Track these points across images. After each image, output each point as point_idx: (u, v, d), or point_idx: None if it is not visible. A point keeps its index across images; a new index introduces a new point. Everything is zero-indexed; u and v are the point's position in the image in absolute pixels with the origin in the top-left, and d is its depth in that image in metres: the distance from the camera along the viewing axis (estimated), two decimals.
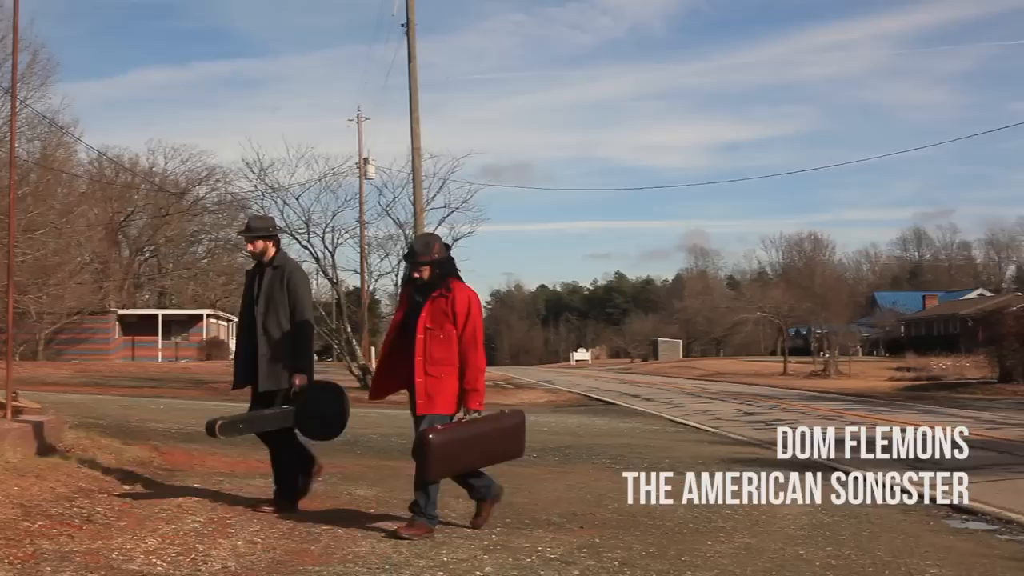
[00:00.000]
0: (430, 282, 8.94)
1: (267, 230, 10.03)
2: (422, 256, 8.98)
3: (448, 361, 8.85)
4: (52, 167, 72.25)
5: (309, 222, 36.90)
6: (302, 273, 10.20)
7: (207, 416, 9.73)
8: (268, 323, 9.71)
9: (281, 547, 7.98)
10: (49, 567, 6.89)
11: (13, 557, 7.07)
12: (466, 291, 9.01)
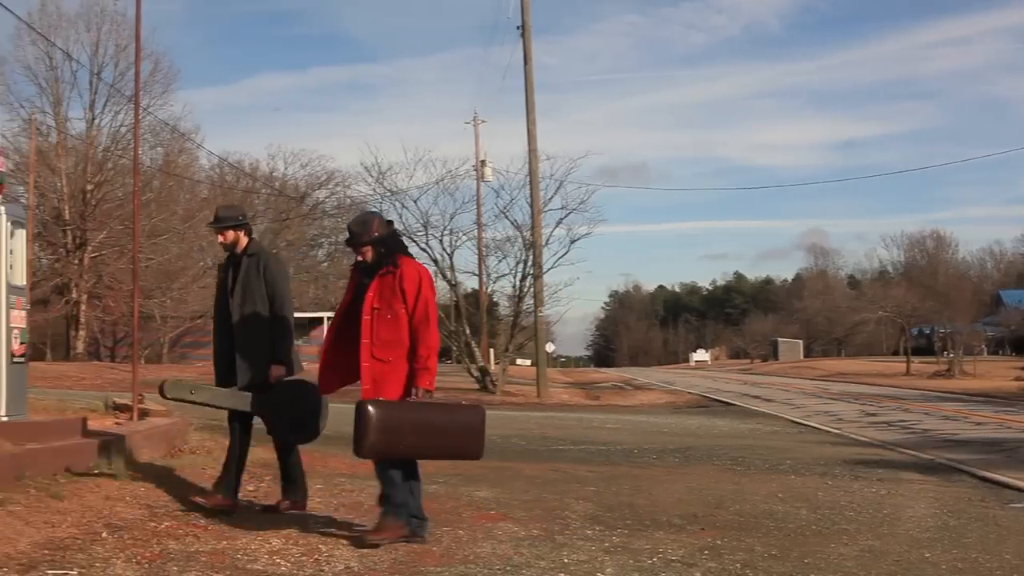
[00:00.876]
0: (375, 262, 8.43)
1: (236, 219, 9.75)
2: (361, 236, 8.50)
3: (398, 343, 8.25)
4: (174, 173, 73.46)
5: (427, 225, 37.10)
6: (279, 261, 9.93)
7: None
8: (245, 314, 9.41)
9: (403, 548, 8.01)
10: (175, 567, 6.98)
11: (141, 557, 7.17)
12: (415, 267, 8.51)
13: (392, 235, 8.64)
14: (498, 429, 20.38)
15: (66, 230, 66.78)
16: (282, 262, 10.08)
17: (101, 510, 8.61)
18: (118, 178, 67.06)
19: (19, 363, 10.83)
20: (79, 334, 66.67)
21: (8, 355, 10.61)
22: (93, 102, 69.37)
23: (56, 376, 36.96)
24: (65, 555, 7.06)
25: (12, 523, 7.70)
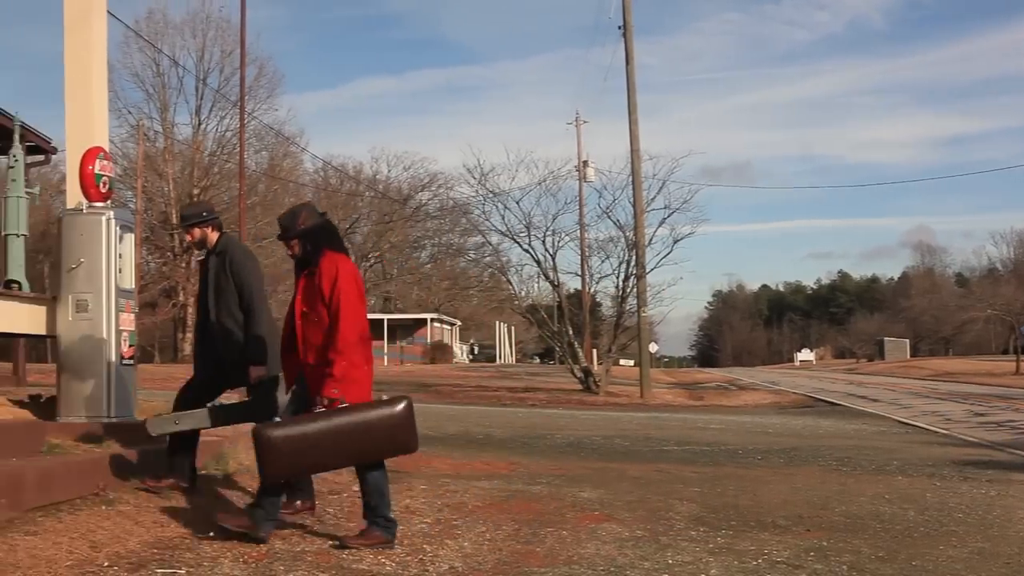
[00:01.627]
0: (303, 258, 8.06)
1: (201, 215, 9.53)
2: (288, 231, 8.15)
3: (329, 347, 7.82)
4: (279, 177, 74.22)
5: (530, 226, 37.14)
6: (245, 253, 9.63)
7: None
8: (220, 313, 9.22)
9: (507, 548, 8.02)
10: (282, 566, 7.04)
11: (248, 556, 7.25)
12: (333, 260, 7.96)
13: (319, 228, 8.16)
14: (601, 430, 20.36)
15: (173, 234, 67.78)
16: (249, 253, 9.73)
17: (210, 509, 8.71)
18: (224, 182, 67.98)
19: (128, 365, 11.00)
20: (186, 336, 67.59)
21: (118, 357, 10.78)
22: (199, 107, 70.46)
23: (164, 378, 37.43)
24: (174, 554, 7.16)
25: (122, 523, 7.83)
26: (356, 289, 7.98)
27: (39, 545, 6.86)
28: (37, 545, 6.85)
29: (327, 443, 7.55)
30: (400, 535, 8.23)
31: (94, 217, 10.87)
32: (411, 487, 11.04)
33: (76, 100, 12.08)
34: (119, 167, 58.84)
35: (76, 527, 7.48)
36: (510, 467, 13.23)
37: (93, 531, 7.45)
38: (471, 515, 9.39)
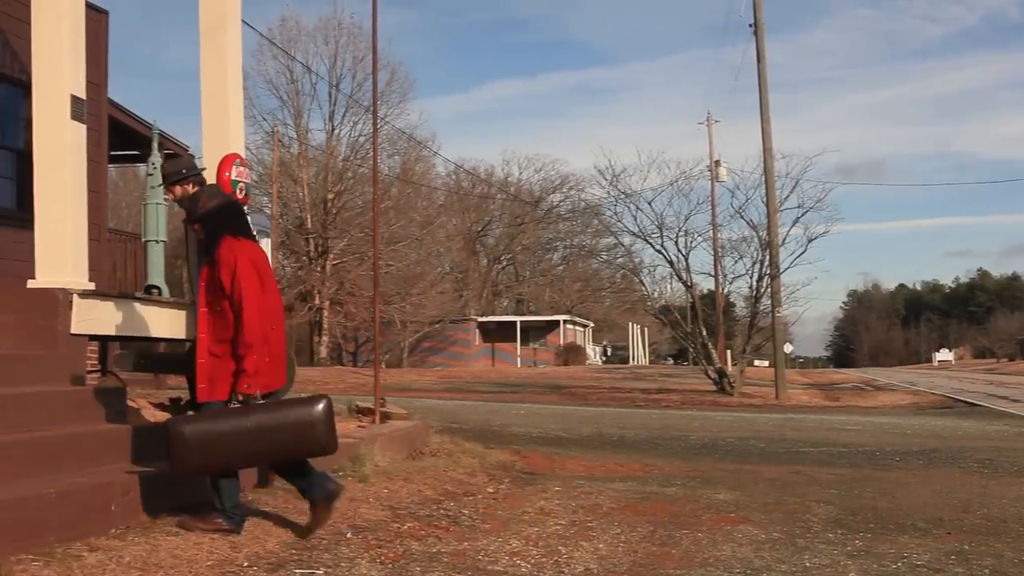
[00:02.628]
0: (206, 244, 7.71)
1: (180, 172, 9.07)
2: (190, 214, 7.89)
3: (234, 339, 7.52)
4: (412, 181, 74.79)
5: (662, 227, 36.99)
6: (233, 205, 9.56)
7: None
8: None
9: (642, 550, 7.98)
10: (418, 567, 7.08)
11: (384, 557, 7.30)
12: (232, 249, 7.57)
13: (216, 212, 7.88)
14: (736, 431, 20.19)
15: (308, 238, 68.67)
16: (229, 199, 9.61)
17: (346, 511, 8.79)
18: (357, 186, 68.70)
19: None
20: (322, 339, 68.47)
21: None
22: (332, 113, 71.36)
23: (300, 381, 37.90)
24: (312, 555, 7.24)
25: (261, 523, 7.93)
26: (258, 280, 7.63)
27: (180, 545, 6.98)
28: (179, 545, 6.97)
29: (241, 442, 7.34)
30: (535, 536, 8.24)
31: None
32: (545, 489, 11.05)
33: (212, 107, 12.27)
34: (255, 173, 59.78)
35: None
36: (644, 469, 13.19)
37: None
38: (606, 517, 9.36)
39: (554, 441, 17.10)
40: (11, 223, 13.92)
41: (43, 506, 6.65)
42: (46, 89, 10.01)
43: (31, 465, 7.42)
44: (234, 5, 12.43)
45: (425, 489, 10.42)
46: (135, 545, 6.79)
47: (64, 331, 9.73)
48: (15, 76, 15.13)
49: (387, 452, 11.60)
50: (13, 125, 15.49)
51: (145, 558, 6.52)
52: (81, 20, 10.40)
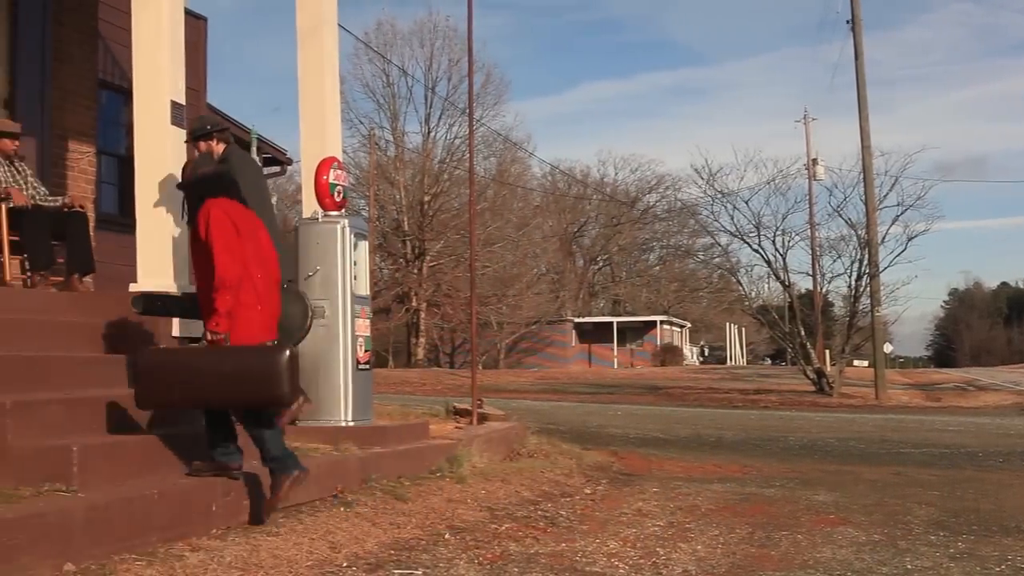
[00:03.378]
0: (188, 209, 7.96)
1: (204, 129, 9.49)
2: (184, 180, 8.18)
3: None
4: (508, 182, 74.93)
5: (759, 226, 36.70)
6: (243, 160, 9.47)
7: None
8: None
9: (741, 551, 7.94)
10: (516, 568, 7.09)
11: (482, 558, 7.32)
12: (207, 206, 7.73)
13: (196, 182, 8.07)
14: (835, 432, 20.00)
15: (405, 240, 69.07)
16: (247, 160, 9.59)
17: (444, 512, 8.83)
18: (454, 188, 68.95)
19: (364, 370, 11.22)
20: (419, 341, 68.80)
21: (354, 362, 11.01)
22: (428, 115, 71.73)
23: (398, 382, 38.21)
24: (410, 555, 7.27)
25: (360, 524, 7.99)
26: (231, 226, 7.74)
27: (280, 546, 7.05)
28: (279, 546, 7.04)
29: (200, 380, 7.42)
30: (633, 538, 8.23)
31: (329, 226, 11.13)
32: (643, 490, 11.03)
33: (310, 112, 12.40)
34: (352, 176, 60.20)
35: (315, 528, 7.66)
36: (742, 470, 13.11)
37: (332, 532, 7.63)
38: (704, 518, 9.32)
39: (651, 442, 17.05)
40: (114, 228, 14.15)
41: (146, 507, 6.75)
42: (147, 95, 10.16)
43: (133, 466, 7.52)
44: (331, 10, 12.55)
45: (523, 490, 10.44)
46: (236, 545, 6.87)
47: (166, 333, 9.88)
48: (116, 83, 15.39)
49: (484, 453, 11.63)
50: (115, 131, 15.76)
51: (246, 558, 6.60)
52: (180, 27, 10.55)
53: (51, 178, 13.27)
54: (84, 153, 14.34)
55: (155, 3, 10.34)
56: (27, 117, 12.98)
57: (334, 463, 9.33)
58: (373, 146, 67.93)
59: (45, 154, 13.47)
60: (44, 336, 8.75)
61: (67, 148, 14.03)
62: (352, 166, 64.07)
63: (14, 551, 5.70)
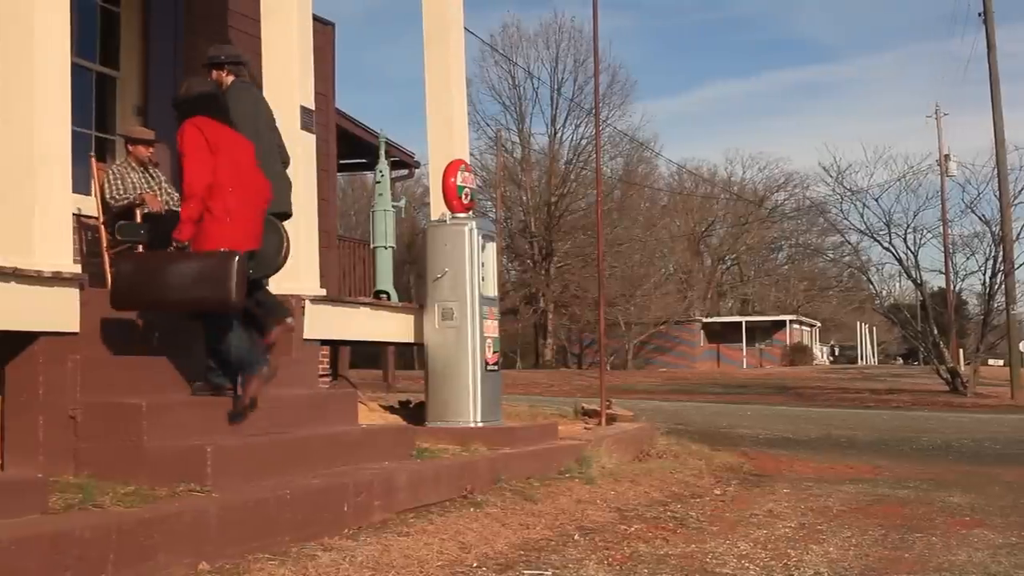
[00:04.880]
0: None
1: (218, 58, 9.52)
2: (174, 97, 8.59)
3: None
4: (634, 182, 74.78)
5: (890, 223, 36.19)
6: (240, 89, 9.48)
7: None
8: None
9: (874, 554, 7.84)
10: (646, 569, 7.07)
11: (612, 559, 7.31)
12: (182, 125, 8.25)
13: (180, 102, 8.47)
14: (969, 432, 19.66)
15: (532, 242, 69.27)
16: (247, 91, 9.61)
17: (573, 513, 8.84)
18: (580, 189, 69.06)
19: (493, 371, 11.27)
20: (547, 342, 68.93)
21: (483, 364, 11.06)
22: (554, 117, 71.90)
23: (526, 383, 38.28)
24: (540, 556, 7.28)
25: (490, 524, 8.02)
26: (203, 142, 8.16)
27: (411, 546, 7.10)
28: (409, 546, 7.09)
29: (162, 282, 7.98)
30: (763, 539, 8.16)
31: (457, 228, 11.20)
32: (774, 491, 10.94)
33: (437, 115, 12.49)
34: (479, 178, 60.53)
35: (446, 528, 7.71)
36: (874, 471, 12.94)
37: (462, 532, 7.66)
38: (836, 519, 9.21)
39: (781, 442, 16.90)
40: None
41: (280, 507, 6.84)
42: (276, 101, 10.30)
43: (265, 467, 7.64)
44: (457, 13, 12.63)
45: (652, 491, 10.41)
46: (367, 545, 6.93)
47: (297, 336, 10.01)
48: None
49: (613, 454, 11.61)
50: None
51: (377, 558, 6.65)
52: (308, 33, 10.69)
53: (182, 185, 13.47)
54: None
55: (284, 10, 10.48)
56: (160, 124, 13.22)
57: (464, 464, 9.37)
58: (500, 148, 68.24)
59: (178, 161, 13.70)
60: (178, 339, 8.91)
61: None
62: (479, 168, 64.43)
63: (151, 550, 5.81)
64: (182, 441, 7.43)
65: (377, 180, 16.67)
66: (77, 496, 6.43)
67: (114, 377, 7.84)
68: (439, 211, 11.57)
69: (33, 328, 7.37)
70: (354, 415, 9.94)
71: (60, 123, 7.79)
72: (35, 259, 7.42)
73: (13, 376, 7.45)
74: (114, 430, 7.34)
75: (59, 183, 7.75)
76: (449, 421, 10.94)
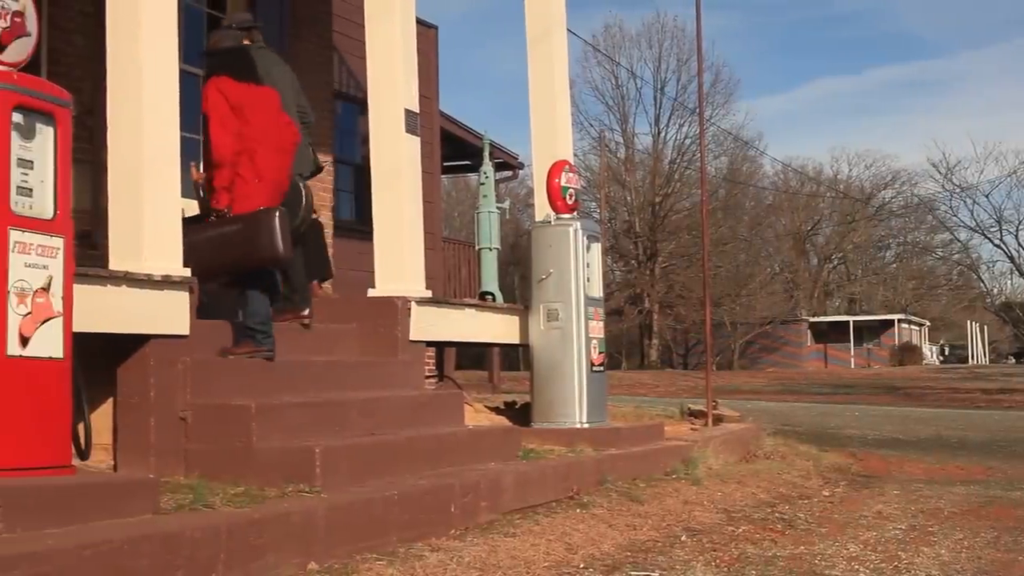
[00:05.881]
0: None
1: (230, 26, 9.61)
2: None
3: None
4: (739, 181, 74.35)
5: (1001, 220, 35.80)
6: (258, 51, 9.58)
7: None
8: None
9: (986, 556, 7.72)
10: (754, 571, 7.03)
11: (719, 560, 7.27)
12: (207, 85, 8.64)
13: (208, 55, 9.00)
14: None
15: (637, 242, 69.16)
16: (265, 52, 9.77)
17: (679, 514, 8.80)
18: (685, 189, 68.86)
19: (598, 372, 11.25)
20: (652, 342, 68.76)
21: (588, 364, 11.05)
22: (658, 116, 71.77)
23: (631, 384, 38.22)
24: (647, 557, 7.26)
25: (596, 525, 8.02)
26: (224, 103, 8.53)
27: (518, 546, 7.12)
28: (516, 546, 7.11)
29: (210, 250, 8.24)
30: (873, 541, 8.08)
31: (562, 228, 11.20)
32: (883, 492, 10.82)
33: (541, 116, 12.51)
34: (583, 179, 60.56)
35: (552, 529, 7.71)
36: (986, 472, 12.75)
37: (568, 533, 7.66)
38: (947, 521, 9.09)
39: (890, 443, 16.70)
40: (352, 235, 14.52)
41: (387, 507, 6.89)
42: (381, 104, 10.37)
43: (372, 467, 7.69)
44: (559, 14, 12.64)
45: (759, 492, 10.34)
46: (474, 546, 6.95)
47: (403, 338, 10.06)
48: (351, 94, 15.79)
49: (720, 455, 11.55)
50: (350, 141, 16.17)
51: (484, 558, 6.67)
52: (412, 36, 10.74)
53: None
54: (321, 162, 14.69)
55: (388, 14, 10.54)
56: None
57: (569, 464, 9.37)
58: (603, 148, 68.18)
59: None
60: (283, 341, 9.01)
61: None
62: (583, 169, 64.39)
63: (261, 550, 5.88)
64: (290, 442, 7.51)
65: (481, 182, 16.73)
66: (188, 497, 6.52)
67: (222, 379, 7.94)
68: (543, 212, 11.57)
69: (144, 331, 7.48)
70: (460, 416, 9.98)
71: (168, 127, 7.90)
72: (145, 263, 7.54)
73: (125, 378, 7.57)
74: (224, 431, 7.44)
75: (168, 187, 7.86)
76: (555, 422, 10.94)
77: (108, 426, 7.63)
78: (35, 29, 6.06)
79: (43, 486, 5.59)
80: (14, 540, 5.05)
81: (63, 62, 10.82)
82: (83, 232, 8.30)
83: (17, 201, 5.77)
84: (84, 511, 5.61)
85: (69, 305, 6.06)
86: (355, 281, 12.05)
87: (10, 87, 5.77)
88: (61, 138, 6.04)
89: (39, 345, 5.83)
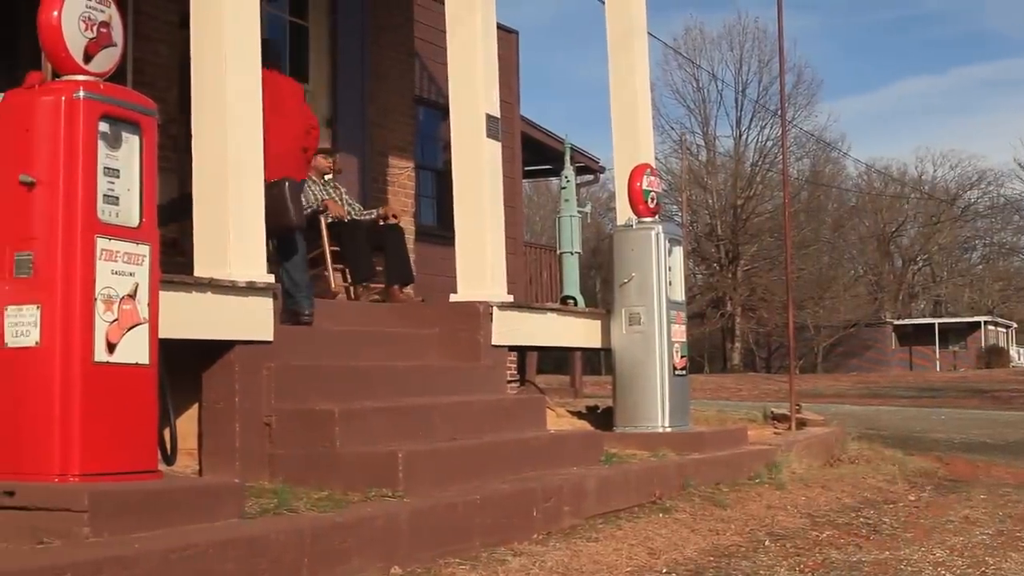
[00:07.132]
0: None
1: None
2: None
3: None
4: (822, 183, 73.81)
5: None
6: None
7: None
8: None
9: None
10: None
11: (803, 565, 7.23)
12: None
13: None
14: None
15: (718, 245, 68.88)
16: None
17: (763, 518, 8.76)
18: (767, 191, 68.46)
19: (681, 376, 11.22)
20: (734, 346, 68.45)
21: (670, 368, 11.02)
22: (739, 119, 71.48)
23: (714, 388, 38.08)
24: (730, 562, 7.23)
25: (679, 530, 7.99)
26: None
27: (600, 551, 7.11)
28: (598, 551, 7.10)
29: None
30: (960, 546, 7.99)
31: (644, 232, 11.18)
32: (970, 497, 10.69)
33: (622, 120, 12.50)
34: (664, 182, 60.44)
35: (634, 534, 7.70)
36: None
37: (651, 538, 7.65)
38: None
39: (977, 447, 16.50)
40: (434, 240, 14.59)
41: (469, 511, 6.91)
42: (462, 109, 10.41)
43: (454, 472, 7.71)
44: (640, 18, 12.62)
45: (844, 496, 10.26)
46: (556, 551, 6.96)
47: (485, 343, 10.08)
48: (432, 99, 15.87)
49: (804, 459, 11.48)
50: (432, 146, 16.27)
51: (566, 563, 6.68)
52: (493, 41, 10.77)
53: (371, 193, 13.79)
54: (403, 168, 14.83)
55: (469, 20, 10.57)
56: (348, 135, 13.51)
57: (651, 469, 9.35)
58: (685, 151, 67.93)
59: (365, 170, 13.98)
60: (367, 346, 9.07)
61: (387, 164, 14.53)
62: (664, 172, 64.19)
63: (345, 553, 5.92)
64: (373, 447, 7.55)
65: (562, 186, 16.71)
66: (272, 501, 6.58)
67: (306, 384, 7.99)
68: (625, 216, 11.55)
69: (229, 337, 7.56)
70: (542, 420, 9.99)
71: (252, 136, 7.97)
72: (229, 269, 7.61)
73: (210, 384, 7.65)
74: (307, 436, 7.49)
75: (252, 194, 7.94)
76: (637, 426, 10.92)
77: (193, 431, 7.72)
78: (120, 39, 6.13)
79: (130, 491, 5.66)
80: (101, 544, 5.13)
81: (147, 71, 10.95)
82: (170, 239, 8.42)
83: (104, 209, 5.85)
84: (170, 515, 5.67)
85: (155, 312, 6.13)
86: (437, 286, 12.10)
87: (97, 97, 5.86)
88: (147, 147, 6.11)
89: (125, 351, 5.91)
